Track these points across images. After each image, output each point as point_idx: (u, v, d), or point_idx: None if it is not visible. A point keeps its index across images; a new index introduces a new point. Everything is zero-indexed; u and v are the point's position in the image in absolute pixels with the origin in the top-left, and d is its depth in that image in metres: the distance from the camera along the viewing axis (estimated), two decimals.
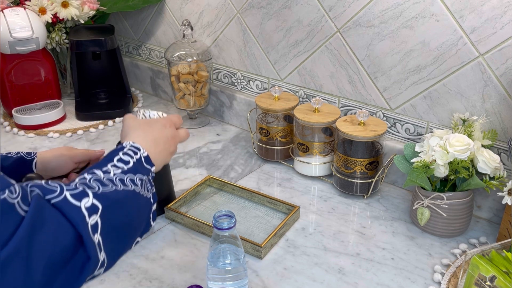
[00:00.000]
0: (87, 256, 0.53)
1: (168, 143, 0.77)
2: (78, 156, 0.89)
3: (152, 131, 0.75)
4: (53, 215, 0.51)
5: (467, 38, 0.91)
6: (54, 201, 0.53)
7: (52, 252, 0.49)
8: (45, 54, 1.43)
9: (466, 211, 0.90)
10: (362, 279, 0.83)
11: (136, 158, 0.68)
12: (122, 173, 0.63)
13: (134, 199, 0.62)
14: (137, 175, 0.65)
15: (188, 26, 1.29)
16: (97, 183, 0.59)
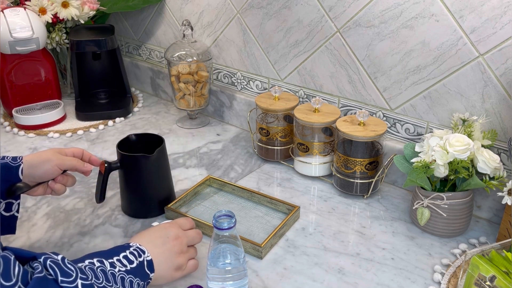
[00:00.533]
0: None
1: (170, 242, 0.76)
2: (65, 164, 0.88)
3: (150, 234, 0.77)
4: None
5: (467, 38, 0.91)
6: (64, 285, 0.57)
7: None
8: (45, 54, 1.43)
9: (466, 211, 0.90)
10: (362, 279, 0.83)
11: (139, 260, 0.70)
12: (125, 272, 0.67)
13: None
14: (137, 279, 0.68)
15: (188, 26, 1.29)
16: (102, 275, 0.63)
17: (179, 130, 1.38)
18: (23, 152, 1.26)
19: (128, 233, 0.94)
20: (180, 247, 0.77)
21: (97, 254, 0.68)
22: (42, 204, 1.03)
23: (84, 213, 1.01)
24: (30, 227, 0.96)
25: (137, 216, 0.99)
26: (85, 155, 0.94)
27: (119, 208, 1.02)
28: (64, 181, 0.90)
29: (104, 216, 1.00)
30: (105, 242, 0.92)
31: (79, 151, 0.93)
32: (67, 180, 0.90)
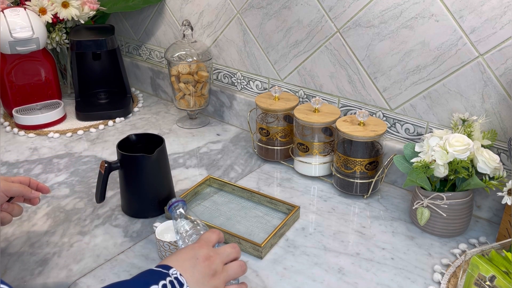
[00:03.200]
0: None
1: (200, 263, 0.67)
2: (12, 190, 0.85)
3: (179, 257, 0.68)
4: None
5: (467, 38, 0.91)
6: None
7: None
8: (45, 54, 1.43)
9: (466, 211, 0.90)
10: (362, 279, 0.83)
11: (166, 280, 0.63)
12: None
13: None
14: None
15: (188, 26, 1.29)
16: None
17: (179, 130, 1.38)
18: (23, 152, 1.26)
19: (128, 233, 0.94)
20: (213, 267, 0.68)
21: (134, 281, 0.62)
22: (42, 204, 1.03)
23: (84, 213, 1.01)
24: (30, 227, 0.96)
25: (137, 216, 0.99)
26: (32, 182, 0.90)
27: (119, 208, 1.02)
28: (9, 209, 0.86)
29: (104, 216, 1.00)
30: (105, 242, 0.92)
31: (25, 179, 0.90)
32: (13, 208, 0.87)
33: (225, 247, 0.72)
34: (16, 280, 0.83)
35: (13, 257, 0.88)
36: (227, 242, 0.91)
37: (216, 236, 0.73)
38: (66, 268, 0.85)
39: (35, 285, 0.82)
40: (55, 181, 1.13)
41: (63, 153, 1.26)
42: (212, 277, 0.67)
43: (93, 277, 0.83)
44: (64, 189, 1.09)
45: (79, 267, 0.85)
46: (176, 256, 0.68)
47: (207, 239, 0.72)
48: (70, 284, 0.82)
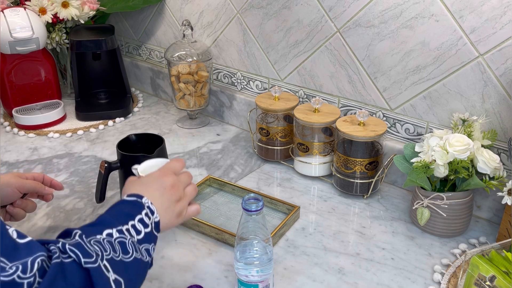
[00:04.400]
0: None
1: (168, 192, 0.73)
2: (26, 186, 0.86)
3: (149, 186, 0.73)
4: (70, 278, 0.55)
5: (467, 38, 0.91)
6: (88, 266, 0.57)
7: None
8: (45, 54, 1.43)
9: (466, 211, 0.90)
10: (362, 279, 0.83)
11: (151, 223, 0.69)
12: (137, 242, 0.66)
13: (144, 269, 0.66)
14: (151, 244, 0.68)
15: (188, 26, 1.29)
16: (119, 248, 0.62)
17: (179, 130, 1.38)
18: (23, 152, 1.26)
19: None
20: (178, 194, 0.74)
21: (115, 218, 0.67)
22: (42, 204, 1.03)
23: (84, 213, 1.01)
24: (30, 227, 0.96)
25: None
26: (46, 179, 0.91)
27: None
28: (23, 205, 0.87)
29: None
30: None
31: (39, 175, 0.90)
32: (26, 204, 0.87)
33: (184, 175, 0.78)
34: None
35: None
36: (227, 241, 0.91)
37: (181, 165, 0.78)
38: None
39: None
40: None
41: (63, 153, 1.26)
42: (177, 203, 0.73)
43: None
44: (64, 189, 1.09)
45: None
46: (145, 186, 0.73)
47: (174, 168, 0.77)
48: None
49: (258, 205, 0.72)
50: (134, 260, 0.64)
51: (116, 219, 0.66)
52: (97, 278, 0.57)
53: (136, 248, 0.65)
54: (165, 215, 0.71)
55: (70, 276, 0.55)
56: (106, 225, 0.65)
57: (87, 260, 0.57)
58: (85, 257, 0.57)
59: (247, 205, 0.72)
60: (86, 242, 0.59)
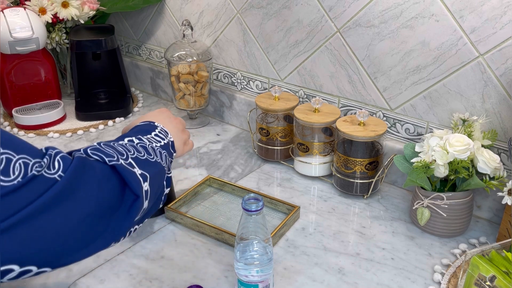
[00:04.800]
0: (135, 196, 0.63)
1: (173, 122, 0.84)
2: None
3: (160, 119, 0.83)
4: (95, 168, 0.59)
5: (467, 38, 0.91)
6: (113, 163, 0.61)
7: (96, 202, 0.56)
8: (45, 54, 1.43)
9: (466, 211, 0.90)
10: (362, 279, 0.83)
11: (166, 139, 0.78)
12: (160, 147, 0.75)
13: (163, 173, 0.74)
14: (168, 156, 0.76)
15: (188, 26, 1.29)
16: (143, 150, 0.70)
17: None
18: None
19: None
20: (181, 125, 0.86)
21: (133, 132, 0.75)
22: None
23: None
24: None
25: None
26: None
27: None
28: None
29: None
30: None
31: None
32: None
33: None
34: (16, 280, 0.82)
35: None
36: (227, 242, 0.91)
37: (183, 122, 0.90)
38: (66, 268, 0.85)
39: (35, 285, 0.82)
40: None
41: None
42: (182, 132, 0.85)
43: (93, 277, 0.83)
44: None
45: (79, 267, 0.85)
46: (152, 116, 0.83)
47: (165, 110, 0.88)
48: (70, 284, 0.82)
49: (258, 205, 0.72)
50: (156, 162, 0.70)
51: (135, 133, 0.74)
52: (124, 171, 0.62)
53: (156, 153, 0.71)
54: (176, 138, 0.81)
55: (98, 167, 0.59)
56: (126, 136, 0.72)
57: (111, 159, 0.62)
58: (108, 157, 0.62)
59: (247, 205, 0.72)
60: (105, 148, 0.64)
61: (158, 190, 0.73)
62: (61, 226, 0.52)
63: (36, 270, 0.53)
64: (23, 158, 0.50)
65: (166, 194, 0.78)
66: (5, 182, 0.48)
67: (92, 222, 0.56)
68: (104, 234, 0.58)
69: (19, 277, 0.51)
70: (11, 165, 0.48)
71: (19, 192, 0.49)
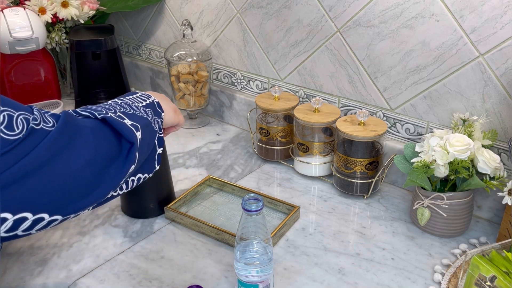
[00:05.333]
0: (130, 143, 0.66)
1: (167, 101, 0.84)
2: None
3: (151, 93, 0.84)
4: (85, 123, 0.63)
5: (467, 38, 0.91)
6: (103, 116, 0.65)
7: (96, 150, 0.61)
8: (45, 54, 1.43)
9: (466, 211, 0.90)
10: (362, 279, 0.83)
11: (149, 100, 0.79)
12: (144, 106, 0.76)
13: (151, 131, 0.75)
14: (152, 113, 0.77)
15: (188, 26, 1.28)
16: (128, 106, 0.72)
17: (179, 131, 1.37)
18: None
19: (128, 233, 0.94)
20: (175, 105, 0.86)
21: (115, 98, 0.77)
22: None
23: (84, 213, 1.01)
24: None
25: (137, 216, 0.99)
26: None
27: (118, 208, 1.02)
28: None
29: (104, 216, 0.99)
30: (105, 242, 0.92)
31: None
32: None
33: None
34: (16, 281, 0.82)
35: (12, 257, 0.88)
36: (227, 242, 0.90)
37: None
38: (65, 268, 0.85)
39: (34, 285, 0.82)
40: None
41: None
42: (175, 112, 0.85)
43: (93, 277, 0.83)
44: None
45: (79, 267, 0.85)
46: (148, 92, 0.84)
47: None
48: (70, 284, 0.82)
49: (258, 205, 0.72)
50: (142, 117, 0.72)
51: (116, 98, 0.76)
52: (115, 122, 0.65)
53: (140, 110, 0.73)
54: (163, 103, 0.82)
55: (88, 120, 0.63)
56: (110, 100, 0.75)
57: (100, 113, 0.65)
58: (97, 112, 0.65)
59: (247, 205, 0.71)
60: (92, 107, 0.67)
61: (150, 145, 0.74)
62: (64, 174, 0.56)
63: (48, 218, 0.56)
64: (22, 114, 0.54)
65: (160, 154, 0.79)
66: (11, 135, 0.52)
67: (93, 169, 0.60)
68: (106, 181, 0.62)
69: (34, 226, 0.56)
70: (14, 121, 0.52)
71: (23, 144, 0.53)
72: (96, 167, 0.60)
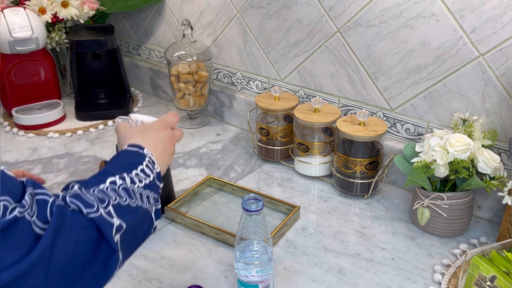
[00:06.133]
0: (111, 250, 0.59)
1: (167, 145, 0.78)
2: None
3: (150, 137, 0.76)
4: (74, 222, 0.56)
5: (467, 38, 0.91)
6: (91, 216, 0.59)
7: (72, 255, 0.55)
8: (45, 54, 1.43)
9: (466, 211, 0.90)
10: (362, 279, 0.82)
11: (153, 174, 0.72)
12: (143, 187, 0.69)
13: (146, 217, 0.69)
14: (152, 193, 0.70)
15: (188, 26, 1.28)
16: (125, 193, 0.65)
17: None
18: (23, 152, 1.26)
19: None
20: (173, 148, 0.80)
21: (118, 167, 0.70)
22: None
23: None
24: None
25: None
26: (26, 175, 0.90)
27: None
28: None
29: None
30: None
31: (19, 172, 0.89)
32: None
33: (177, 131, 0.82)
34: None
35: None
36: (227, 242, 0.90)
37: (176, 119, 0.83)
38: None
39: None
40: (55, 181, 1.13)
41: (62, 153, 1.26)
42: (171, 155, 0.79)
43: None
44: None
45: None
46: (146, 136, 0.77)
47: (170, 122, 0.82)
48: None
49: (258, 205, 0.72)
50: (137, 207, 0.66)
51: (119, 169, 0.69)
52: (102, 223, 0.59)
53: (136, 196, 0.67)
54: (163, 164, 0.75)
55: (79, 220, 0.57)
56: (109, 174, 0.67)
57: (89, 210, 0.59)
58: (87, 207, 0.59)
59: (247, 205, 0.71)
60: (86, 193, 0.61)
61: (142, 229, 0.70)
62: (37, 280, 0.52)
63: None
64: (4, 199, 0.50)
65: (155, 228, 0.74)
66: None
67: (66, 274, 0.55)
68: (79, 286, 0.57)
69: None
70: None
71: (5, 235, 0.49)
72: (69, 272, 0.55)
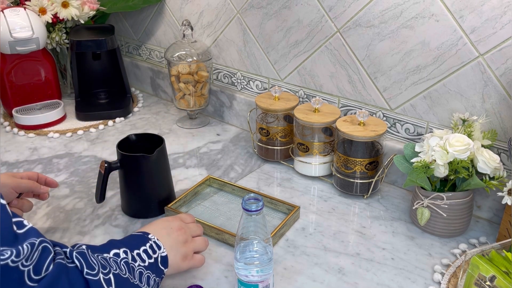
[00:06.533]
0: None
1: (174, 233, 0.78)
2: (21, 186, 0.86)
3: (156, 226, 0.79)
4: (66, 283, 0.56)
5: (467, 38, 0.91)
6: (89, 278, 0.59)
7: None
8: (45, 54, 1.43)
9: (466, 211, 0.90)
10: (362, 279, 0.83)
11: (156, 256, 0.73)
12: (143, 268, 0.70)
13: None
14: (153, 276, 0.71)
15: (188, 26, 1.29)
16: (125, 267, 0.66)
17: (179, 130, 1.38)
18: (23, 152, 1.26)
19: (128, 233, 0.94)
20: (185, 237, 0.78)
21: (122, 243, 0.70)
22: (42, 204, 1.03)
23: (84, 213, 1.01)
24: None
25: (137, 216, 0.99)
26: (41, 177, 0.91)
27: (119, 208, 1.02)
28: (20, 205, 0.88)
29: (104, 216, 1.00)
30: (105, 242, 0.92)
31: (33, 174, 0.90)
32: (23, 204, 0.88)
33: (193, 224, 0.83)
34: None
35: None
36: (227, 242, 0.91)
37: (191, 218, 0.85)
38: None
39: None
40: None
41: (63, 153, 1.26)
42: (183, 245, 0.78)
43: None
44: (64, 189, 1.09)
45: None
46: (152, 226, 0.78)
47: (182, 217, 0.84)
48: None
49: (258, 205, 0.72)
50: (135, 285, 0.66)
51: (124, 244, 0.70)
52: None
53: (135, 274, 0.67)
54: (171, 252, 0.75)
55: (73, 280, 0.57)
56: (113, 246, 0.68)
57: (89, 271, 0.59)
58: (88, 268, 0.59)
59: (247, 205, 0.72)
60: (91, 255, 0.61)
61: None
62: None
63: None
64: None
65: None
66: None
67: None
68: None
69: None
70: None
71: None
72: None
